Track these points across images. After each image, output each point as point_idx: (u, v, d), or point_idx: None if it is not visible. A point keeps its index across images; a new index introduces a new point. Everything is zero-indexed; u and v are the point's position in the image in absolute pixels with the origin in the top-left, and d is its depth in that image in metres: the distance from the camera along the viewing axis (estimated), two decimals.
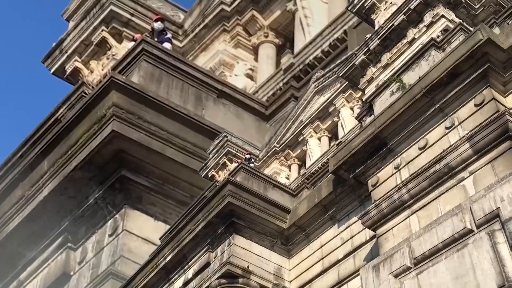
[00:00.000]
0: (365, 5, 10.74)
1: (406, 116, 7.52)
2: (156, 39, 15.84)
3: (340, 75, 10.77)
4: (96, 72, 22.74)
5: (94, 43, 22.91)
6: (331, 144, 11.82)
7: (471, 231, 6.31)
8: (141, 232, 12.83)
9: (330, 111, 11.83)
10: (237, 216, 8.72)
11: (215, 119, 14.09)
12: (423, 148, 7.37)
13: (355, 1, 10.98)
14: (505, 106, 6.93)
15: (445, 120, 7.25)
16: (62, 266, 13.70)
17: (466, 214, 6.42)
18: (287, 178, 12.39)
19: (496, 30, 7.60)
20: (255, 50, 22.30)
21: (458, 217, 6.48)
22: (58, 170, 13.89)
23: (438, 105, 7.30)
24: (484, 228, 6.23)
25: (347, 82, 11.09)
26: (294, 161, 12.41)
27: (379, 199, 7.56)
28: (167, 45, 15.77)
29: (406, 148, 7.57)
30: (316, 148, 12.04)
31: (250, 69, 21.90)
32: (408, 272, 6.68)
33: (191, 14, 23.73)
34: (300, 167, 12.43)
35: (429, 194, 7.06)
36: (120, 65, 15.03)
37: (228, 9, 22.26)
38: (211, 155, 12.68)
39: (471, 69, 7.02)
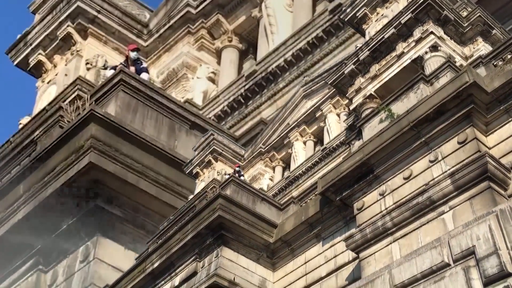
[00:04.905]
0: (357, 15, 11.47)
1: (393, 146, 8.34)
2: (133, 68, 16.47)
3: (329, 82, 11.51)
4: (59, 67, 23.27)
5: (59, 38, 23.49)
6: (316, 149, 12.63)
7: (448, 265, 7.17)
8: (111, 261, 13.58)
9: (317, 116, 12.58)
10: (226, 228, 9.50)
11: (187, 150, 14.85)
12: (407, 178, 8.20)
13: (347, 10, 11.68)
14: (486, 146, 7.78)
15: (429, 154, 8.08)
16: None
17: (444, 248, 7.28)
18: (271, 180, 13.20)
19: (482, 70, 8.38)
20: (218, 54, 23.10)
21: (437, 250, 7.35)
22: (33, 195, 14.59)
23: (423, 139, 8.12)
24: (460, 263, 7.10)
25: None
26: (278, 163, 13.19)
27: (363, 223, 8.41)
28: (145, 76, 16.51)
29: (392, 177, 8.40)
30: (301, 151, 12.83)
31: (213, 72, 22.70)
32: None
33: (157, 14, 24.44)
34: (284, 169, 13.23)
35: (410, 224, 7.92)
36: (98, 93, 15.75)
37: (194, 11, 23.03)
38: (196, 152, 13.37)
39: (456, 108, 7.85)
